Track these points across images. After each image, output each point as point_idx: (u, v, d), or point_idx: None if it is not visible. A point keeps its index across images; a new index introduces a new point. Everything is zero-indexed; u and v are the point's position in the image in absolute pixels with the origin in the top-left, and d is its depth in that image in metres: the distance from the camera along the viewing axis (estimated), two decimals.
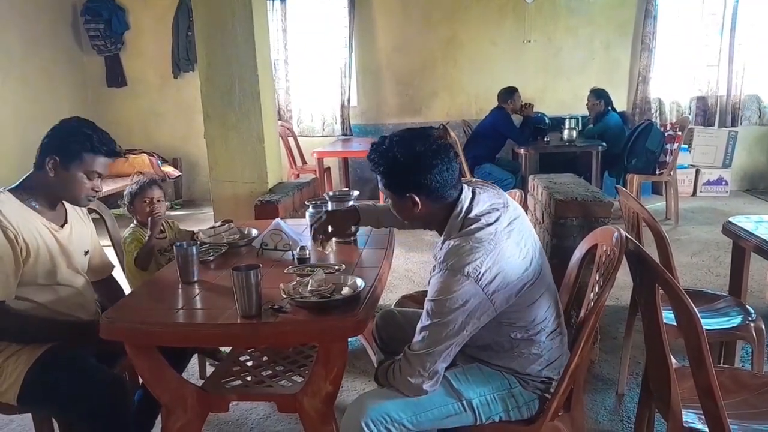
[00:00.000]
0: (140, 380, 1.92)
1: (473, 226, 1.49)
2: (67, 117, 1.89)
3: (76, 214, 2.02)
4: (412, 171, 1.50)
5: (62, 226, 1.92)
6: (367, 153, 1.59)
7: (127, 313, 1.71)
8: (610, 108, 5.65)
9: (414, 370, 1.47)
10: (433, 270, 1.51)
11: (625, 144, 5.25)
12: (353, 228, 2.07)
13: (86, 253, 2.02)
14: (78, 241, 1.97)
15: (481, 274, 1.41)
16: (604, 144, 5.20)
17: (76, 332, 1.84)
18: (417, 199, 1.53)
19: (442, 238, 1.58)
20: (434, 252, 1.60)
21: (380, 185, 1.60)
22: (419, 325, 1.48)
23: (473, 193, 1.58)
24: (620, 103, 6.28)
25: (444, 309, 1.42)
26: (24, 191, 1.84)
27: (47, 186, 1.83)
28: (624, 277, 2.12)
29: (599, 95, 5.61)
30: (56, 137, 1.81)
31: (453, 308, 1.42)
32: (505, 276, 1.44)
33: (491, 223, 1.50)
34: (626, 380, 2.52)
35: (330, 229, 1.94)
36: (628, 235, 1.59)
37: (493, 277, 1.43)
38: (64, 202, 1.94)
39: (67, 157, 1.79)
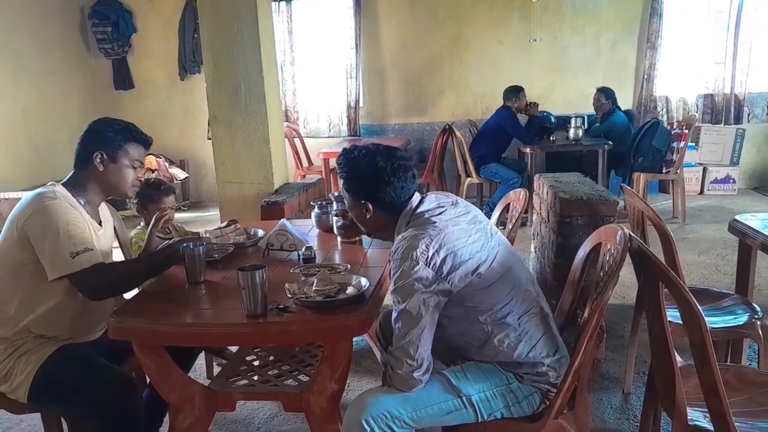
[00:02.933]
0: (147, 379, 1.94)
1: (418, 219, 1.61)
2: (99, 117, 2.00)
3: (105, 212, 2.08)
4: (368, 182, 1.65)
5: (100, 225, 1.99)
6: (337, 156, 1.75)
7: (134, 313, 1.73)
8: (616, 107, 5.63)
9: (401, 363, 1.51)
10: (389, 263, 1.61)
11: (631, 142, 5.24)
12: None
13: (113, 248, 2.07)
14: (109, 238, 2.04)
15: (429, 257, 1.51)
16: (611, 143, 5.19)
17: (164, 257, 1.95)
18: (370, 207, 1.67)
19: (395, 236, 1.66)
20: None
21: (341, 185, 1.73)
22: (392, 319, 1.56)
23: (422, 197, 1.69)
24: (627, 101, 6.26)
25: (404, 293, 1.50)
26: (72, 188, 1.90)
27: (95, 182, 1.92)
28: (630, 276, 2.12)
29: (607, 94, 5.59)
30: (97, 134, 1.91)
31: (412, 289, 1.50)
32: (455, 256, 1.52)
33: (435, 215, 1.61)
34: (632, 379, 2.52)
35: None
36: (632, 234, 1.59)
37: (443, 259, 1.51)
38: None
39: (112, 149, 1.89)
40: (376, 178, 1.63)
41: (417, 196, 1.69)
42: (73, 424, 1.91)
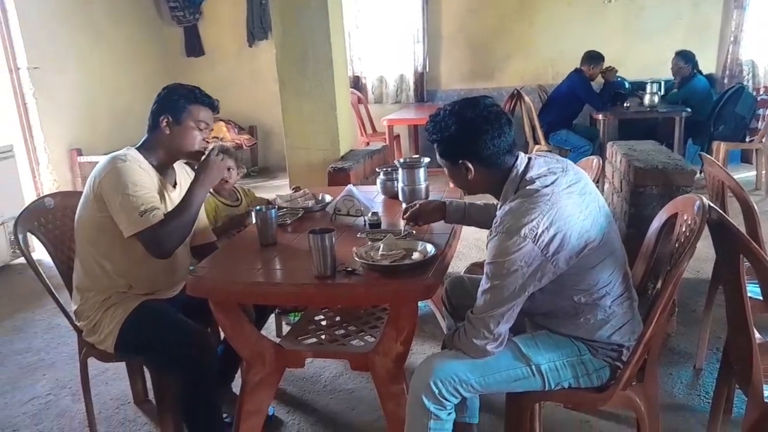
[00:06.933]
0: (222, 335, 2.04)
1: (528, 188, 1.50)
2: (170, 83, 2.06)
3: (185, 176, 2.15)
4: (463, 138, 1.55)
5: (174, 187, 2.06)
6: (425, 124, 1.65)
7: (210, 272, 1.81)
8: (696, 71, 5.33)
9: (478, 332, 1.49)
10: (490, 233, 1.51)
11: (712, 109, 4.97)
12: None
13: None
14: None
15: (538, 235, 1.41)
16: (689, 109, 4.93)
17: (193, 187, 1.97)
18: (469, 166, 1.56)
19: (499, 203, 1.60)
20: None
21: (437, 155, 1.64)
22: (480, 289, 1.50)
23: (529, 159, 1.59)
24: (709, 65, 5.91)
25: (503, 271, 1.43)
26: (145, 150, 1.99)
27: (164, 144, 1.99)
28: (705, 249, 2.04)
29: (686, 58, 5.30)
30: (164, 99, 1.98)
31: (512, 270, 1.42)
32: (564, 236, 1.43)
33: (547, 185, 1.49)
34: (705, 355, 2.45)
35: (417, 213, 1.97)
36: (711, 204, 1.53)
37: (551, 237, 1.42)
38: (175, 166, 2.09)
39: (177, 111, 1.96)
40: (469, 131, 1.53)
41: (523, 158, 1.58)
42: (155, 373, 2.03)
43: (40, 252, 2.26)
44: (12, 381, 2.69)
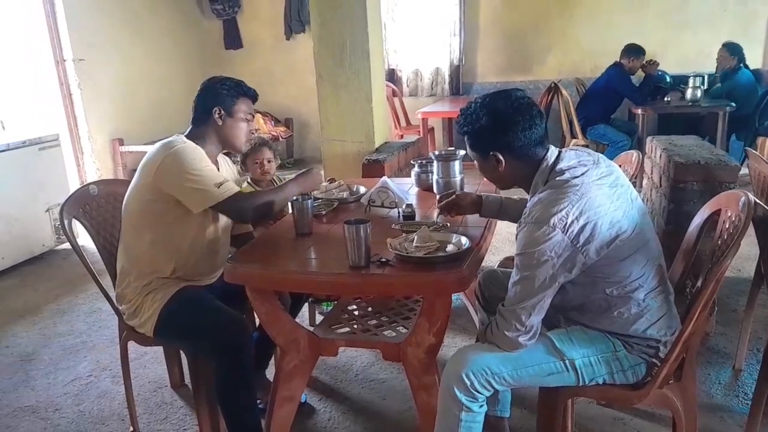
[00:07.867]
0: (257, 322, 2.07)
1: (558, 179, 1.50)
2: (210, 77, 2.11)
3: (226, 166, 2.21)
4: (493, 130, 1.55)
5: None
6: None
7: (248, 260, 1.85)
8: (742, 65, 5.17)
9: (510, 325, 1.49)
10: (520, 225, 1.51)
11: (757, 104, 4.81)
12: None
13: None
14: None
15: (567, 225, 1.41)
16: (734, 104, 4.79)
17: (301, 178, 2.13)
18: (500, 157, 1.56)
19: (529, 195, 1.59)
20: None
21: (467, 148, 1.65)
22: (510, 281, 1.50)
23: (559, 151, 1.58)
24: (756, 59, 5.71)
25: (533, 262, 1.43)
26: (194, 139, 2.03)
27: (215, 135, 2.05)
28: (748, 247, 1.99)
29: (733, 50, 5.14)
30: (212, 91, 2.04)
31: (542, 260, 1.42)
32: (595, 226, 1.42)
33: (577, 176, 1.49)
34: (745, 355, 2.39)
35: (452, 204, 1.97)
36: (757, 200, 1.49)
37: (582, 227, 1.41)
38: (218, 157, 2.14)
39: (228, 103, 2.02)
40: (500, 122, 1.53)
41: (554, 150, 1.57)
42: (192, 357, 2.07)
43: (83, 238, 2.33)
44: (55, 362, 2.79)
